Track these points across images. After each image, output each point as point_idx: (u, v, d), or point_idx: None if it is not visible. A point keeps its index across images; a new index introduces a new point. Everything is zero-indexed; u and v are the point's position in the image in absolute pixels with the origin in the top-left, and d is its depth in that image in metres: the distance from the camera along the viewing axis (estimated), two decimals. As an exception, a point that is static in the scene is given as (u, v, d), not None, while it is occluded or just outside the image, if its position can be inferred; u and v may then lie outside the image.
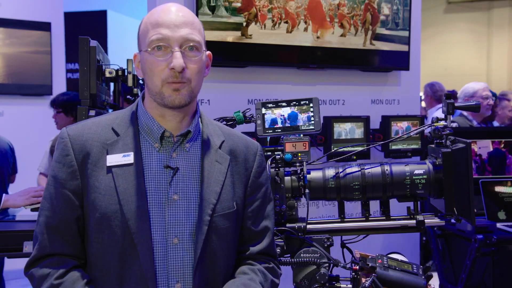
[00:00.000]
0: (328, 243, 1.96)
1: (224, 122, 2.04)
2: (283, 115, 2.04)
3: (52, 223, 1.38)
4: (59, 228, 1.38)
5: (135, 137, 1.42)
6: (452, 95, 2.46)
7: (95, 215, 1.36)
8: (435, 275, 3.00)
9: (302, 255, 1.91)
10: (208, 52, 1.48)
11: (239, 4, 3.06)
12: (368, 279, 1.73)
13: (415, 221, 2.03)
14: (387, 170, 1.99)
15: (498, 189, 3.05)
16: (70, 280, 1.35)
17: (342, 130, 3.34)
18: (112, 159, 1.39)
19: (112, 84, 2.94)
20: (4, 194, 3.07)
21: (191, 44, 1.39)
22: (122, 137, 1.42)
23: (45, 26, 5.38)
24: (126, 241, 1.34)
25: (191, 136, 1.45)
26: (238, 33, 3.08)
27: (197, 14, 2.91)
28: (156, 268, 1.35)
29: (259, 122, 2.04)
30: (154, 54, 1.37)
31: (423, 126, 2.16)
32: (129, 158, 1.39)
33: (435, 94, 5.82)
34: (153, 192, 1.38)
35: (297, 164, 1.98)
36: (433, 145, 2.08)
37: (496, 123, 5.58)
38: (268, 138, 2.12)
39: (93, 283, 1.38)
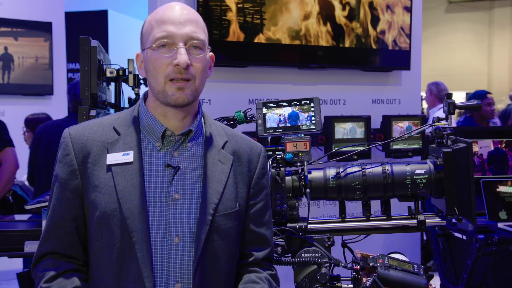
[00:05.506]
0: (329, 242, 1.96)
1: (225, 122, 2.04)
2: (284, 115, 2.04)
3: (51, 222, 1.40)
4: (57, 227, 1.39)
5: (136, 136, 1.42)
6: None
7: (95, 214, 1.36)
8: (436, 275, 2.99)
9: (303, 255, 1.91)
10: (211, 53, 1.47)
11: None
12: (369, 278, 1.73)
13: (416, 221, 2.03)
14: (388, 170, 1.99)
15: (500, 189, 3.04)
16: (57, 286, 1.34)
17: (343, 129, 3.33)
18: (112, 158, 1.39)
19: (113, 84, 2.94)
20: None
21: (196, 42, 1.38)
22: (123, 136, 1.42)
23: (46, 26, 5.38)
24: (124, 240, 1.34)
25: (193, 135, 1.45)
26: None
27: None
28: (155, 267, 1.35)
29: (260, 122, 2.03)
30: (159, 51, 1.37)
31: (424, 126, 2.16)
32: (129, 157, 1.39)
33: (440, 93, 5.75)
34: (153, 191, 1.38)
35: (298, 164, 1.98)
36: (434, 145, 2.07)
37: None
38: (269, 138, 2.12)
39: None
